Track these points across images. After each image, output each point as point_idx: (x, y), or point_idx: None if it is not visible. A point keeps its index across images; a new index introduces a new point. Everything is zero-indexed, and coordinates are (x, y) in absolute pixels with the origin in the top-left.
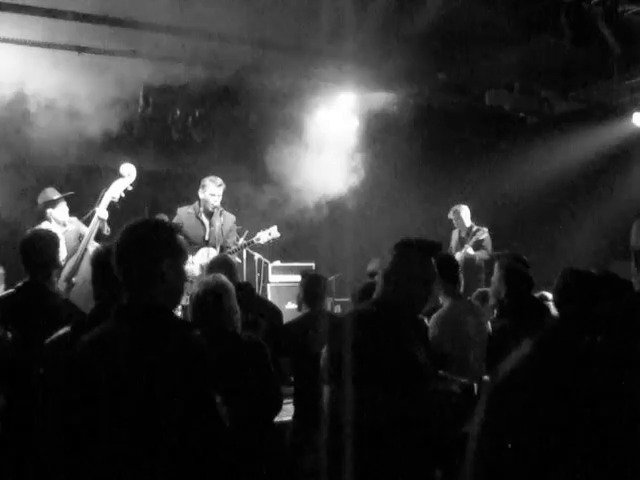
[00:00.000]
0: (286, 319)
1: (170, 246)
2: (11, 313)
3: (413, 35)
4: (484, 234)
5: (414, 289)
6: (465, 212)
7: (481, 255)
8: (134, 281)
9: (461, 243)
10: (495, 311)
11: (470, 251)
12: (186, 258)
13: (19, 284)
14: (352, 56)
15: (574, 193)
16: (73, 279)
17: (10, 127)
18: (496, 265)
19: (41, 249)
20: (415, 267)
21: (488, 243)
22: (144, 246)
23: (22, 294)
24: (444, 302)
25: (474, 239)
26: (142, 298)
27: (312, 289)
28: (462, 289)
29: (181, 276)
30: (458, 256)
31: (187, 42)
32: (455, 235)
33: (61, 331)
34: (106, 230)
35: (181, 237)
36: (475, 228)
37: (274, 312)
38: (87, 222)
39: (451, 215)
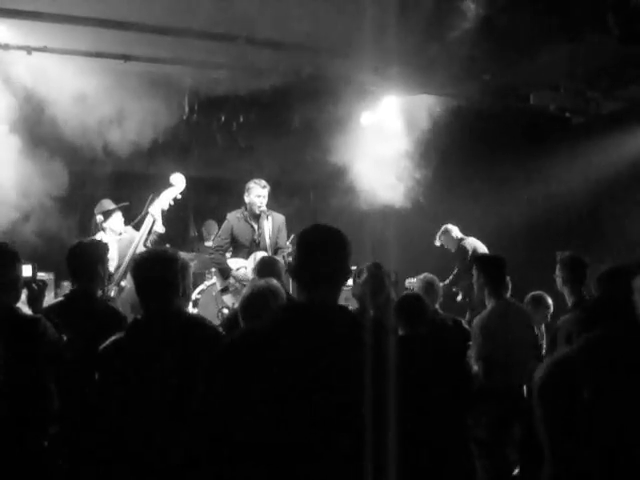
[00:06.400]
0: None
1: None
2: (62, 319)
3: (457, 36)
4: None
5: None
6: (454, 231)
7: None
8: (331, 280)
9: None
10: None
11: None
12: None
13: (67, 292)
14: (396, 60)
15: (624, 193)
16: (122, 282)
17: (59, 135)
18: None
19: (84, 258)
20: None
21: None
22: (342, 247)
23: (70, 301)
24: (488, 304)
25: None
26: (328, 298)
27: None
28: (509, 292)
29: None
30: None
31: (230, 48)
32: None
33: (114, 337)
34: (160, 228)
35: None
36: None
37: None
38: (137, 227)
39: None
